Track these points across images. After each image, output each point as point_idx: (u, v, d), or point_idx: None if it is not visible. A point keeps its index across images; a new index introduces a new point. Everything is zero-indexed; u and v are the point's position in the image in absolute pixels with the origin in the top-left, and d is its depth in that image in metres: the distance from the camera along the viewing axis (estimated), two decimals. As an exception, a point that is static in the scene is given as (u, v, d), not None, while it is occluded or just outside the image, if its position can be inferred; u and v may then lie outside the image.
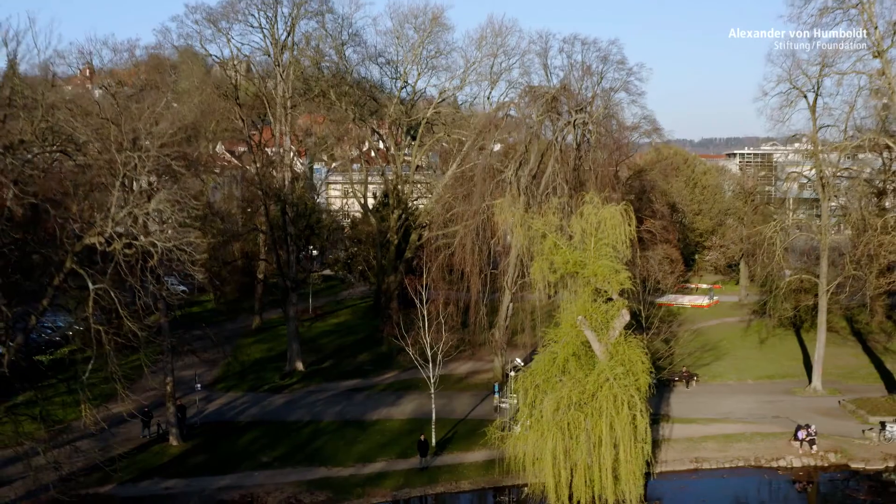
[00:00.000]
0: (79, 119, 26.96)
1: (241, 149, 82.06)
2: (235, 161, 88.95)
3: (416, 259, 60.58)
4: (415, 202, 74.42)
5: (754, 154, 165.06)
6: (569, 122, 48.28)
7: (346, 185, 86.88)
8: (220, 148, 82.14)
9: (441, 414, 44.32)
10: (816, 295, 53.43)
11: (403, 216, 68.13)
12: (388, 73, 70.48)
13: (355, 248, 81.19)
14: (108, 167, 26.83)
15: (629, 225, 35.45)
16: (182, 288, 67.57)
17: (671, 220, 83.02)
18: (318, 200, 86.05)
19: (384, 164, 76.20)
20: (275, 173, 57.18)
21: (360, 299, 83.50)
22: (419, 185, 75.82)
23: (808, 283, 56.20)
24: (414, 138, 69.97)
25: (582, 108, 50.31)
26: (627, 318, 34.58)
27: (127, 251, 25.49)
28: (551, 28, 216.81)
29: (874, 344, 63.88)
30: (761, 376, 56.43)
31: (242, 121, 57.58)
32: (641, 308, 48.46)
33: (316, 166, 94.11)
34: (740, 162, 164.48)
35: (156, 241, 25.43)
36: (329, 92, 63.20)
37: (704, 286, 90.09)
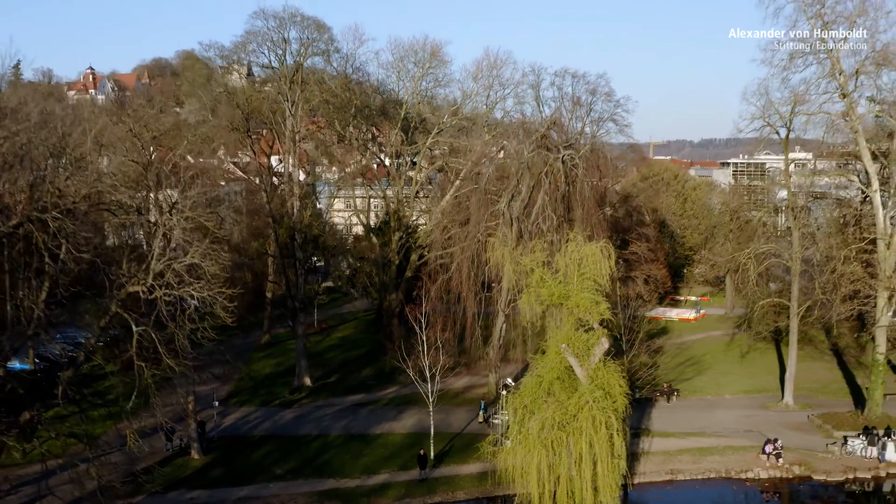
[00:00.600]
0: (121, 183, 30.88)
1: (246, 159, 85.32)
2: (241, 173, 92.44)
3: (416, 281, 64.03)
4: (415, 221, 77.96)
5: (747, 163, 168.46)
6: (557, 158, 52.11)
7: (349, 202, 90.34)
8: (222, 153, 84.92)
9: (439, 428, 47.96)
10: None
11: (404, 237, 71.78)
12: (390, 102, 74.25)
13: (358, 265, 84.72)
14: (148, 225, 30.78)
15: (609, 259, 39.24)
16: (194, 302, 71.21)
17: (659, 236, 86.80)
18: (321, 218, 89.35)
19: (386, 181, 79.60)
20: (283, 193, 60.68)
21: (363, 312, 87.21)
22: (420, 200, 79.23)
23: (780, 305, 59.86)
24: (415, 164, 73.78)
25: (570, 144, 54.20)
26: (606, 345, 38.26)
27: (167, 298, 29.46)
28: (543, 61, 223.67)
29: (849, 358, 67.21)
30: (738, 391, 59.94)
31: (254, 152, 61.31)
32: (622, 332, 52.17)
33: (319, 183, 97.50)
34: (734, 171, 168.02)
35: (192, 292, 29.51)
36: (334, 123, 67.03)
37: (693, 298, 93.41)
